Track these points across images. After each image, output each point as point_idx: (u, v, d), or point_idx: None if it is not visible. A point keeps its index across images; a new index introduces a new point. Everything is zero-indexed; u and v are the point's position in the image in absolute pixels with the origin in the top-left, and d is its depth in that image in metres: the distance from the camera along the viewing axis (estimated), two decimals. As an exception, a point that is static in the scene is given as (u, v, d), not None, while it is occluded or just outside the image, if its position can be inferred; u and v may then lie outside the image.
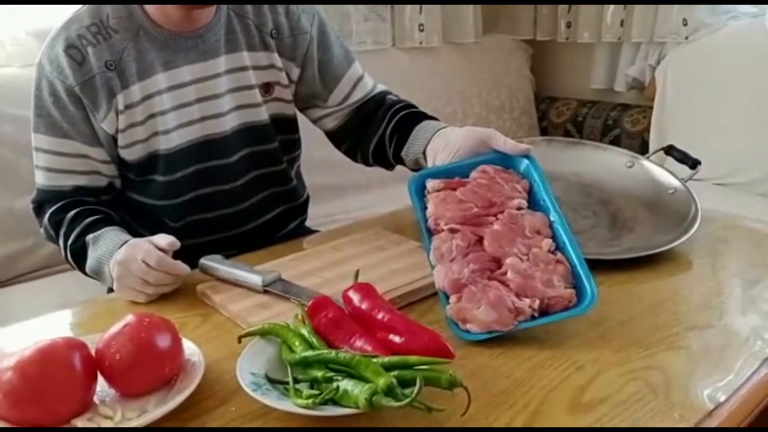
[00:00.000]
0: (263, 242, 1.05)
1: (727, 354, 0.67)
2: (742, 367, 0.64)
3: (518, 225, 0.76)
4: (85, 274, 0.94)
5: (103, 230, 0.90)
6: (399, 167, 1.07)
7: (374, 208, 1.33)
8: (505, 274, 0.72)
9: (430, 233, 0.78)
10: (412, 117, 1.02)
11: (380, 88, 1.12)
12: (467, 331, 0.69)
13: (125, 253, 0.82)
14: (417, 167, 0.99)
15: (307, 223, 1.23)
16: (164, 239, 0.82)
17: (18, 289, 1.30)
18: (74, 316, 0.84)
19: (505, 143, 0.85)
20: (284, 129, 1.09)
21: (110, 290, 1.07)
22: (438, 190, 0.81)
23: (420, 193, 0.83)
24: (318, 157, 1.24)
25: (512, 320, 0.68)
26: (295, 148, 1.15)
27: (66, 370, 0.57)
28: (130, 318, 0.62)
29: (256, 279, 0.80)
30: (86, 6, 0.95)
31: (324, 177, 1.62)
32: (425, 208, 0.81)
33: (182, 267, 0.82)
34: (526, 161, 0.83)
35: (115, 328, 0.61)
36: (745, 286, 0.82)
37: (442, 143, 0.90)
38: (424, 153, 0.95)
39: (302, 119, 1.14)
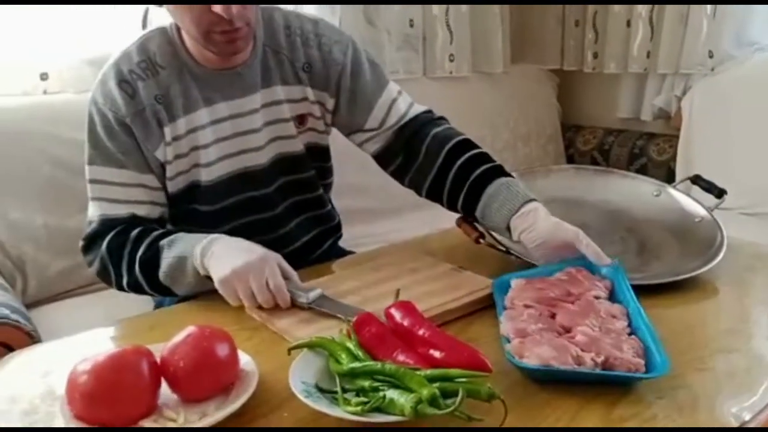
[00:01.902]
0: (301, 263, 1.09)
1: (751, 376, 0.70)
2: (767, 390, 0.67)
3: (593, 307, 0.76)
4: (154, 289, 0.95)
5: (175, 235, 0.93)
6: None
7: (405, 232, 1.38)
8: (573, 337, 0.71)
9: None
10: (476, 168, 0.99)
11: (417, 109, 1.12)
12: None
13: (258, 262, 0.85)
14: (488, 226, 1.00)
15: (341, 244, 1.29)
16: (291, 269, 0.88)
17: (69, 304, 1.37)
18: (128, 328, 0.90)
19: (587, 247, 0.85)
20: (318, 157, 1.14)
21: (157, 307, 1.14)
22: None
23: (503, 290, 0.84)
24: (350, 182, 1.30)
25: (571, 363, 0.66)
26: (329, 175, 1.20)
27: (135, 375, 0.63)
28: (192, 328, 0.67)
29: (302, 297, 0.85)
30: (134, 44, 1.01)
31: (356, 201, 1.67)
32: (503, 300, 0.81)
33: (288, 300, 0.85)
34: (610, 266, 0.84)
35: (178, 337, 0.67)
36: (771, 314, 0.84)
37: (527, 224, 0.90)
38: (507, 226, 0.93)
39: (335, 148, 1.18)
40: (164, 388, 0.66)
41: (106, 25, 1.53)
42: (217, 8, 0.89)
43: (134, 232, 0.95)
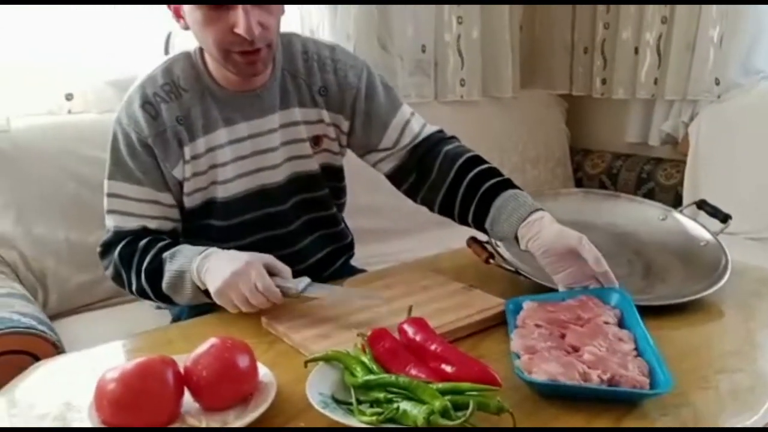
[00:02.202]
0: (313, 279, 1.13)
1: (754, 396, 0.72)
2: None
3: (602, 330, 0.78)
4: (158, 298, 0.99)
5: (177, 248, 0.97)
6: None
7: (416, 252, 1.40)
8: (581, 356, 0.74)
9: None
10: (486, 181, 1.03)
11: (430, 129, 1.15)
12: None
13: (242, 268, 0.87)
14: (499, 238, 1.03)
15: (352, 263, 1.32)
16: (282, 266, 0.90)
17: (88, 317, 1.40)
18: (148, 340, 0.93)
19: (589, 252, 0.87)
20: (332, 177, 1.18)
21: (174, 320, 1.18)
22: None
23: (516, 311, 0.86)
24: (363, 202, 1.33)
25: (578, 379, 0.69)
26: (342, 195, 1.24)
27: (160, 384, 0.66)
28: (214, 340, 0.71)
29: (292, 289, 0.89)
30: (159, 68, 1.06)
31: (368, 221, 1.71)
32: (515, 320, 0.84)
33: (279, 297, 0.88)
34: (618, 295, 0.87)
35: (201, 348, 0.70)
36: (774, 336, 0.87)
37: (533, 233, 0.93)
38: (515, 236, 0.96)
39: (348, 169, 1.22)
40: (187, 397, 0.69)
41: (130, 48, 1.59)
42: (238, 29, 0.93)
43: (143, 242, 1.00)
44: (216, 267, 0.90)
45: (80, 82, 1.55)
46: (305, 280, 0.91)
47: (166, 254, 0.97)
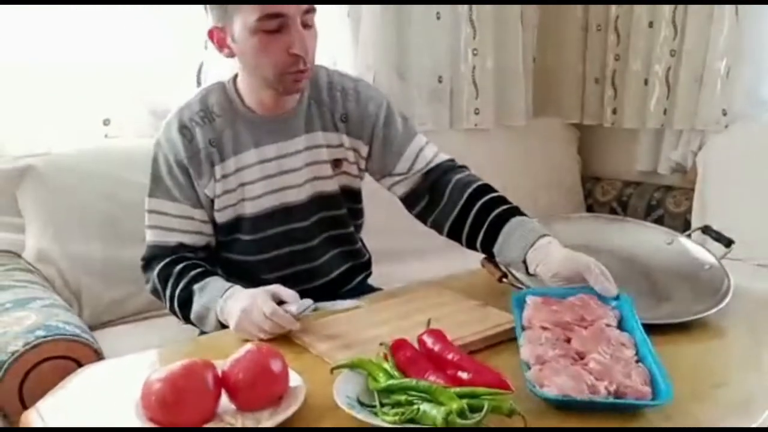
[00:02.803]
0: (332, 296, 1.18)
1: (751, 407, 0.77)
2: (766, 420, 0.74)
3: (605, 335, 0.83)
4: (187, 321, 1.09)
5: (207, 279, 1.07)
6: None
7: (431, 272, 1.46)
8: (587, 364, 0.78)
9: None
10: (494, 209, 1.11)
11: (442, 157, 1.23)
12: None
13: (249, 302, 0.95)
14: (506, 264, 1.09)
15: (369, 282, 1.38)
16: (287, 292, 0.97)
17: (122, 329, 1.47)
18: (184, 350, 0.99)
19: (596, 279, 0.92)
20: (350, 199, 1.26)
21: (201, 333, 1.24)
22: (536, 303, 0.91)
23: (520, 306, 0.92)
24: (379, 224, 1.39)
25: (586, 391, 0.73)
26: (359, 216, 1.32)
27: (202, 384, 0.72)
28: (250, 346, 0.77)
29: (294, 309, 0.95)
30: (196, 96, 1.16)
31: (384, 242, 1.75)
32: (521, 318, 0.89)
33: (291, 323, 0.94)
34: (619, 298, 0.92)
35: (238, 353, 0.76)
36: (770, 354, 0.92)
37: (541, 257, 0.99)
38: (523, 261, 1.02)
39: (366, 192, 1.30)
40: (223, 398, 0.75)
41: (165, 76, 1.69)
42: (295, 49, 1.04)
43: (178, 267, 1.09)
44: (231, 307, 0.99)
45: (118, 108, 1.65)
46: (307, 302, 0.96)
47: (196, 287, 1.06)
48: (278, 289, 0.98)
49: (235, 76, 1.16)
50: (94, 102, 1.62)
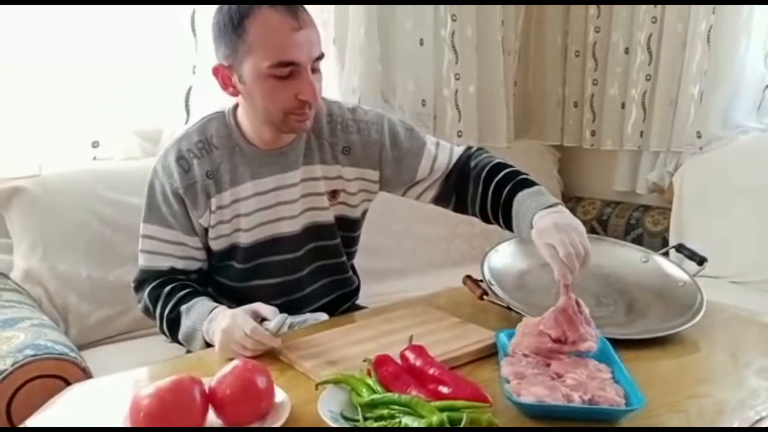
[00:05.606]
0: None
1: (721, 418, 0.80)
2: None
3: (583, 362, 0.87)
4: (176, 341, 1.11)
5: (194, 300, 1.08)
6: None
7: (413, 292, 1.49)
8: (564, 381, 0.82)
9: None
10: (504, 188, 1.15)
11: (457, 152, 1.26)
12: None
13: (229, 322, 0.97)
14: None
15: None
16: (266, 308, 0.99)
17: (108, 349, 1.48)
18: (170, 368, 1.01)
19: (553, 258, 0.94)
20: (346, 228, 1.27)
21: (188, 351, 1.25)
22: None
23: (505, 342, 0.93)
24: (363, 243, 1.42)
25: (561, 400, 0.77)
26: (354, 243, 1.32)
27: (190, 400, 0.74)
28: (237, 362, 0.79)
29: (271, 326, 0.96)
30: (196, 125, 1.17)
31: (368, 262, 1.78)
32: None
33: (272, 340, 0.96)
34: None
35: (225, 369, 0.78)
36: (740, 366, 0.95)
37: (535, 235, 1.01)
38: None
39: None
40: (210, 414, 0.77)
41: (153, 100, 1.72)
42: (303, 96, 1.05)
43: (167, 289, 1.11)
44: (214, 328, 1.00)
45: (106, 130, 1.67)
46: (280, 320, 0.97)
47: (183, 308, 1.08)
48: (258, 306, 1.00)
49: (235, 107, 1.17)
50: (83, 124, 1.64)
